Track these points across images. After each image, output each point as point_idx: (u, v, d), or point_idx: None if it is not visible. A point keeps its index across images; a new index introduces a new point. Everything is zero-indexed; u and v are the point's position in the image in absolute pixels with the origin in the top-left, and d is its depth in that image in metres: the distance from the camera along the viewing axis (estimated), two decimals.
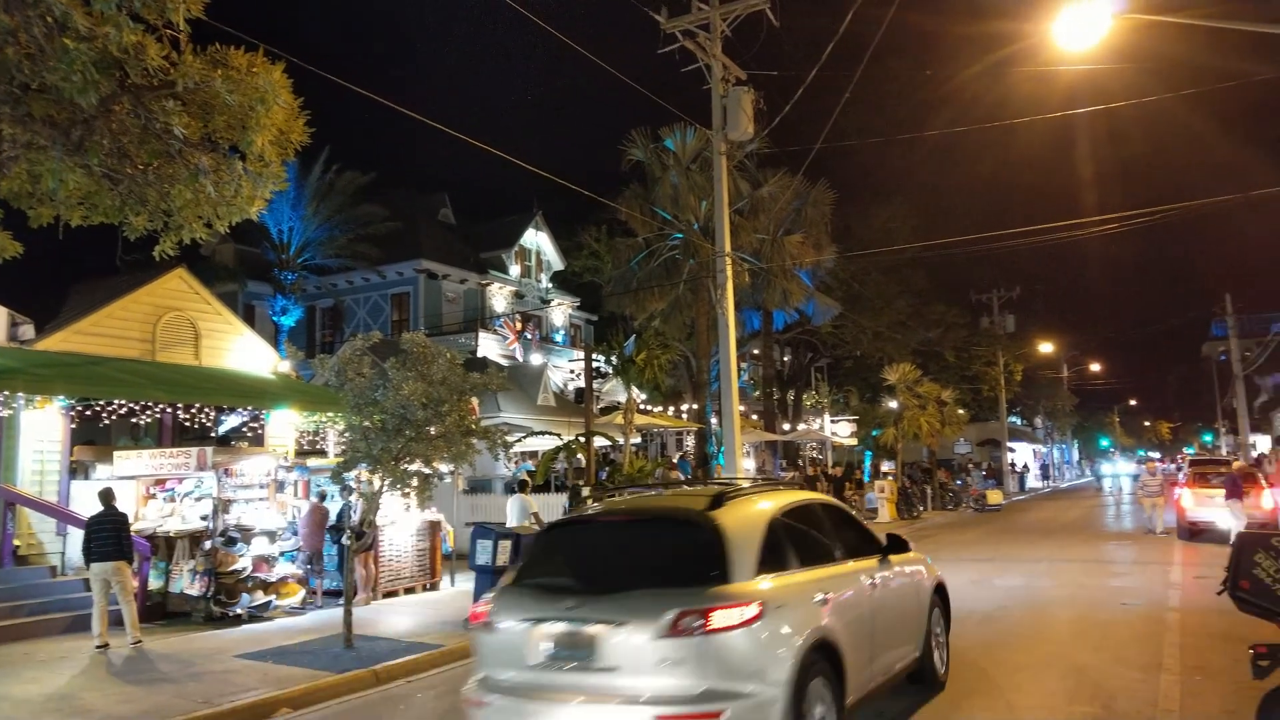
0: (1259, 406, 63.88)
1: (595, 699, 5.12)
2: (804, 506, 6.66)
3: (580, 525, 6.53)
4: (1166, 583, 13.58)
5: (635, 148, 24.43)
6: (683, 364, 30.92)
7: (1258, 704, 5.88)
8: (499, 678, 5.56)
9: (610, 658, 5.12)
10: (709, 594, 5.19)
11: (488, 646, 5.73)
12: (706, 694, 4.98)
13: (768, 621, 5.22)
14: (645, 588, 5.35)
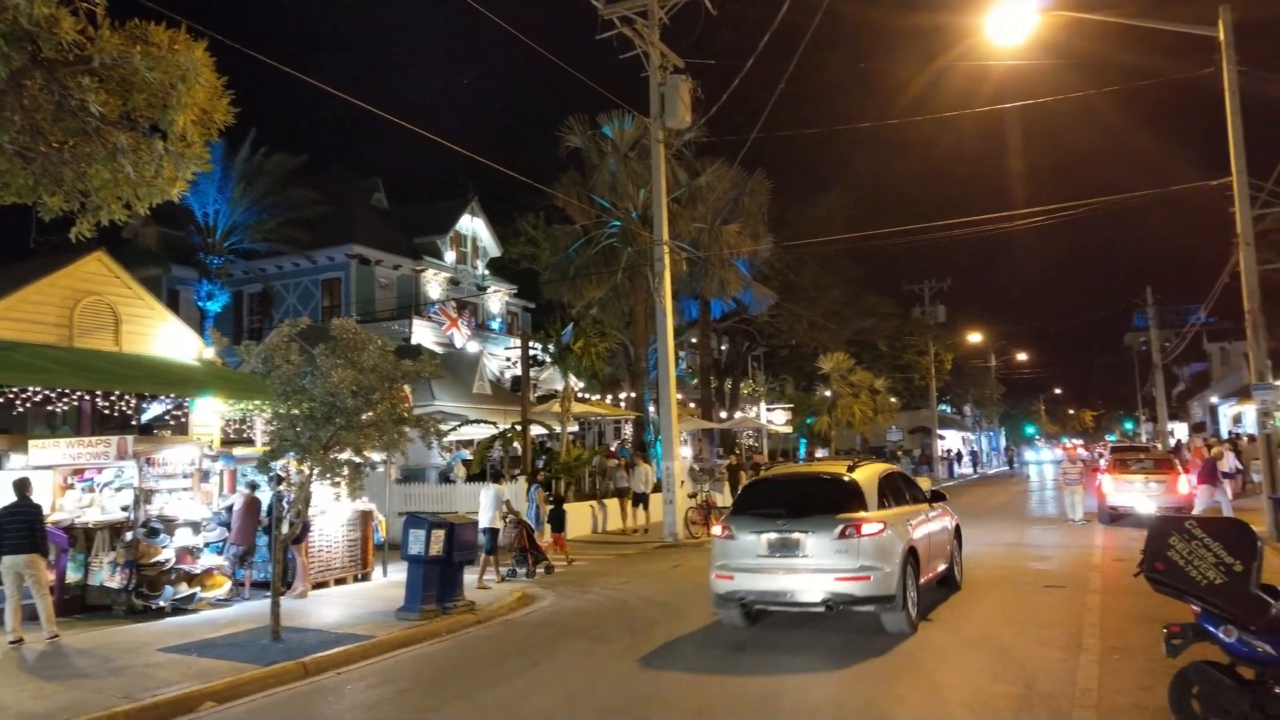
0: (1177, 395, 66.43)
1: (798, 572, 9.19)
2: (892, 472, 10.99)
3: (772, 480, 11.19)
4: (1088, 566, 14.02)
5: (573, 134, 24.29)
6: (621, 352, 30.93)
7: (1170, 681, 6.11)
8: (736, 563, 9.51)
9: (806, 550, 9.17)
10: (858, 517, 9.25)
11: (729, 546, 9.63)
12: (861, 568, 8.99)
13: (887, 532, 9.28)
14: (822, 514, 9.32)
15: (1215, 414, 46.38)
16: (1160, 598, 6.47)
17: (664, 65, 16.72)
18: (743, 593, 9.42)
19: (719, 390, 42.32)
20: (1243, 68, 16.09)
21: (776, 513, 9.54)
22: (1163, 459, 21.99)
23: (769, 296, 33.39)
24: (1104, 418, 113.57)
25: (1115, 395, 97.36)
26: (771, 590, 9.26)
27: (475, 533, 11.84)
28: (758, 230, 27.94)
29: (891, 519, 9.54)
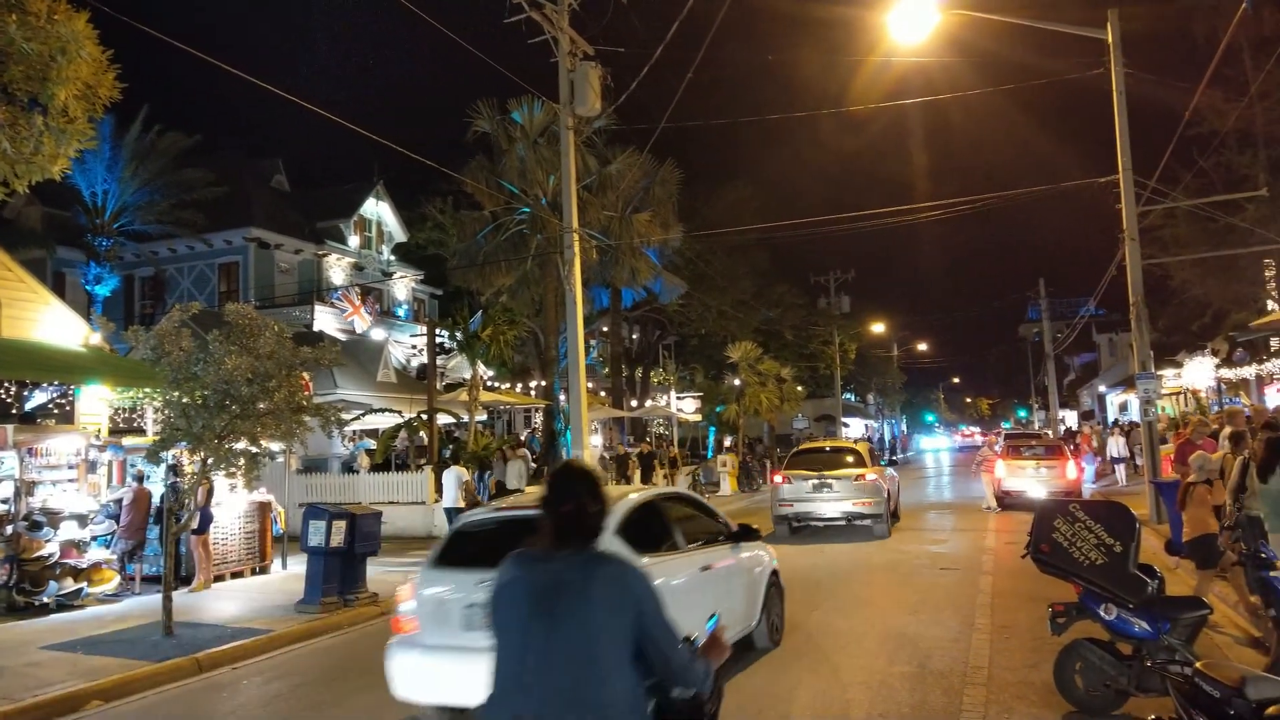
0: (1068, 384, 69.60)
1: (831, 501, 16.00)
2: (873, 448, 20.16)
3: (807, 450, 18.70)
4: (981, 548, 14.56)
5: (481, 119, 23.89)
6: (531, 340, 30.68)
7: (1055, 658, 6.39)
8: (791, 498, 16.39)
9: (836, 490, 16.00)
10: (862, 470, 16.31)
11: (786, 488, 16.44)
12: (866, 501, 15.82)
13: (879, 480, 16.23)
14: (843, 469, 16.39)
15: (1103, 402, 48.77)
16: (1047, 578, 6.76)
17: (573, 51, 16.54)
18: (795, 514, 16.39)
19: (630, 379, 42.41)
20: (1129, 70, 16.84)
21: (813, 467, 16.60)
22: (1053, 445, 22.98)
23: (679, 286, 33.58)
24: (1000, 406, 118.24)
25: (1010, 384, 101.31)
26: (813, 512, 16.20)
27: (378, 523, 11.58)
28: (668, 219, 27.98)
29: (878, 473, 16.87)
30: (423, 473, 18.98)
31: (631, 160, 24.33)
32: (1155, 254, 25.28)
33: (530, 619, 2.77)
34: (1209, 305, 29.85)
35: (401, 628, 6.39)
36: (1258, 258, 25.34)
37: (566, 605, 2.75)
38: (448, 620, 6.02)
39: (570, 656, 2.71)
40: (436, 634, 6.08)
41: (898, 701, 6.64)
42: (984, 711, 6.32)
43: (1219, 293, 28.98)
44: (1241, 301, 27.48)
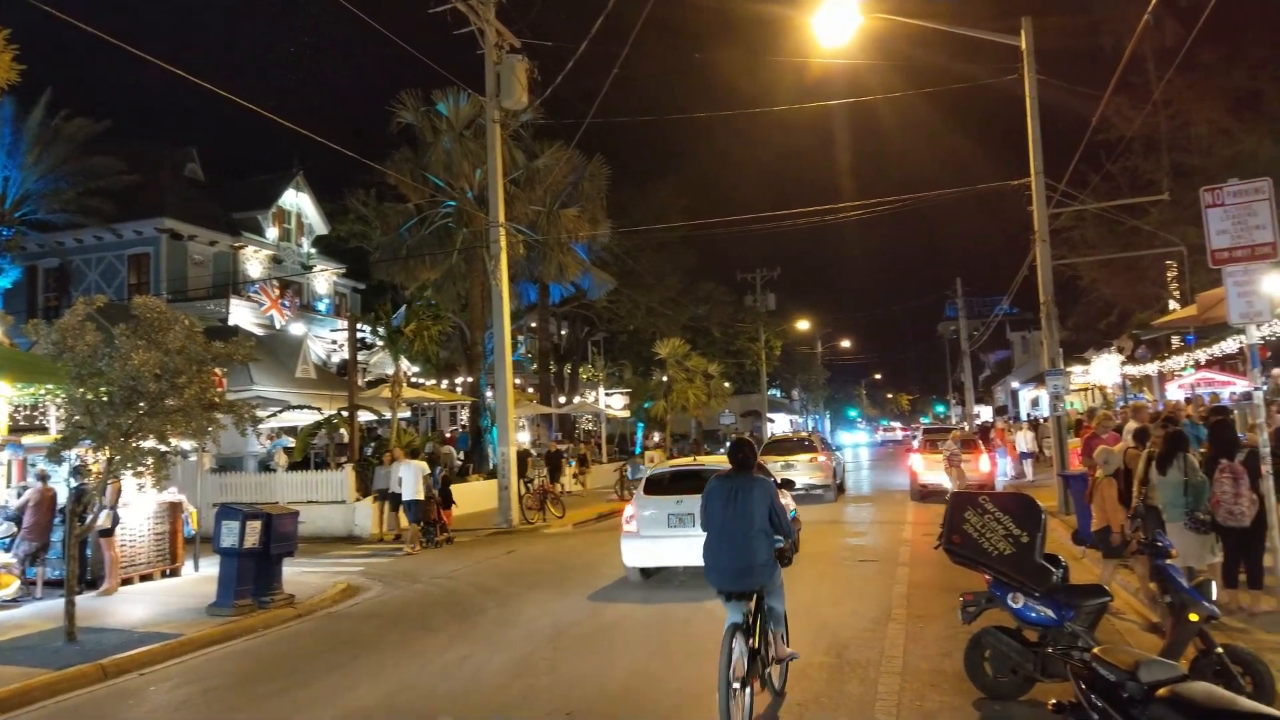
0: (983, 380, 71.77)
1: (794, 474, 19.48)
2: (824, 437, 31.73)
3: (777, 440, 25.63)
4: (899, 540, 14.90)
5: (405, 110, 23.49)
6: (457, 336, 30.32)
7: (965, 646, 6.58)
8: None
9: (797, 468, 21.13)
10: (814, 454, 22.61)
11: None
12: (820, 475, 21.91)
13: (829, 461, 22.75)
14: (803, 453, 22.59)
15: (1016, 398, 50.39)
16: (960, 568, 6.95)
17: (500, 44, 16.42)
18: None
19: (558, 375, 42.26)
20: (1042, 76, 17.41)
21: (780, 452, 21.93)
22: (968, 439, 23.63)
23: (608, 282, 33.60)
24: (919, 401, 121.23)
25: (930, 380, 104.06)
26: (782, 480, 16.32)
27: (295, 523, 11.30)
28: (597, 215, 27.97)
29: (828, 456, 22.90)
30: (343, 471, 18.58)
31: (559, 155, 24.24)
32: (1065, 255, 26.25)
33: (725, 504, 6.13)
34: (1115, 304, 31.13)
35: (625, 528, 11.46)
36: (1160, 259, 26.51)
37: (741, 497, 6.11)
38: (655, 523, 11.25)
39: (742, 519, 6.04)
40: (648, 530, 11.28)
41: (816, 691, 6.75)
42: (898, 699, 6.46)
43: (1125, 292, 30.25)
44: (1145, 301, 28.71)
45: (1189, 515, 7.92)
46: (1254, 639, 6.93)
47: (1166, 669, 3.71)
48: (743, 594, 5.95)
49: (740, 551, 5.94)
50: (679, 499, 11.07)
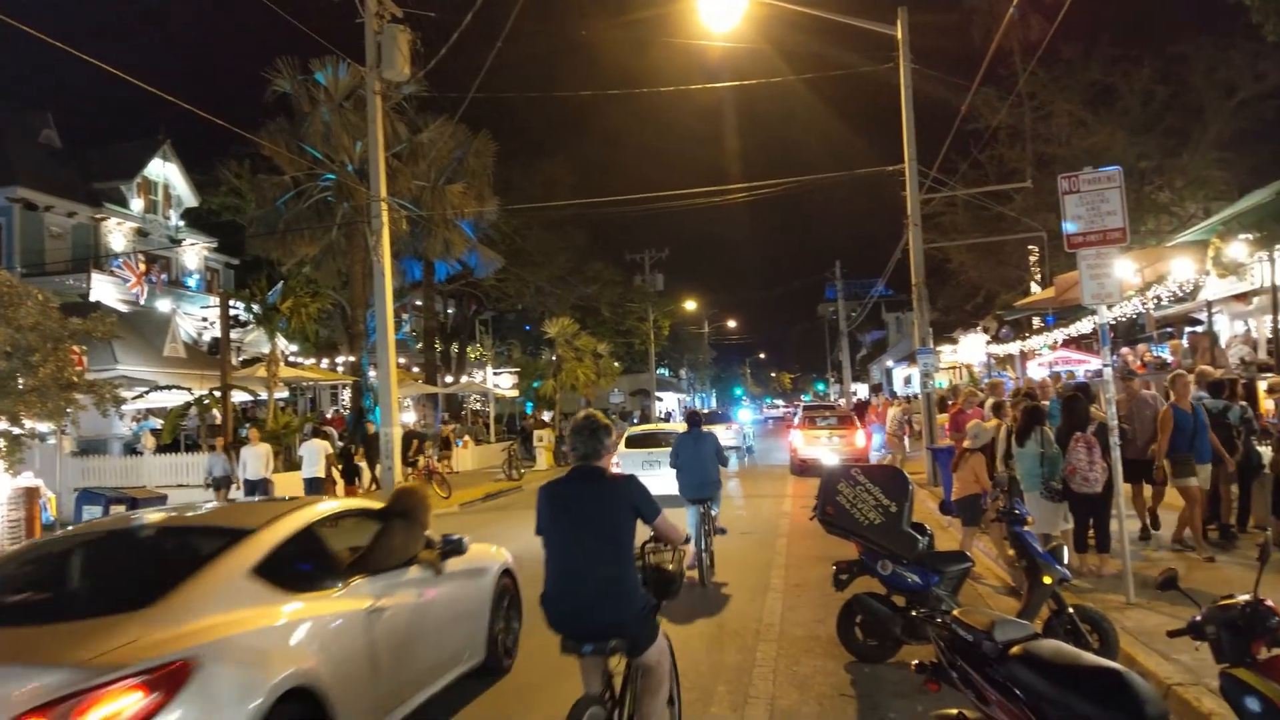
0: (860, 359, 74.27)
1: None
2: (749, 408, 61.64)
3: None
4: (779, 513, 15.35)
5: (281, 79, 22.51)
6: (338, 314, 29.47)
7: (838, 612, 6.85)
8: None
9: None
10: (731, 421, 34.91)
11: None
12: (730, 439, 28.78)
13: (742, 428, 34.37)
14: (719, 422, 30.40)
15: (890, 376, 52.35)
16: (836, 539, 7.22)
17: (380, 13, 15.89)
18: None
19: (444, 354, 41.57)
20: (916, 66, 18.04)
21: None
22: (845, 416, 24.47)
23: (495, 260, 33.16)
24: (801, 380, 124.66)
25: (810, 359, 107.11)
26: None
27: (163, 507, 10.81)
28: (483, 192, 27.51)
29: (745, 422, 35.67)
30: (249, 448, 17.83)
31: (444, 129, 23.73)
32: (936, 239, 27.37)
33: (691, 448, 10.31)
34: (982, 287, 32.71)
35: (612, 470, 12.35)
36: (1023, 244, 27.97)
37: (700, 443, 10.35)
38: (633, 465, 15.74)
39: (701, 456, 10.21)
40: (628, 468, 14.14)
41: (696, 660, 6.91)
42: (774, 665, 6.68)
43: (990, 275, 31.81)
44: (1009, 283, 30.26)
45: (1045, 485, 8.43)
46: (1101, 599, 7.43)
47: (1020, 628, 3.94)
48: (701, 500, 9.86)
49: (703, 475, 10.09)
50: (649, 450, 16.82)
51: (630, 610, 4.20)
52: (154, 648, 3.62)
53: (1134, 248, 16.26)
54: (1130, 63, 26.30)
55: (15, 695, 3.30)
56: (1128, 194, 8.16)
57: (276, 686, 3.92)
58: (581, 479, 4.37)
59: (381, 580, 5.24)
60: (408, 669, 5.24)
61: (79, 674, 3.39)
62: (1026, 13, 23.66)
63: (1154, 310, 15.86)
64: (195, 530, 5.16)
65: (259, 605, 4.25)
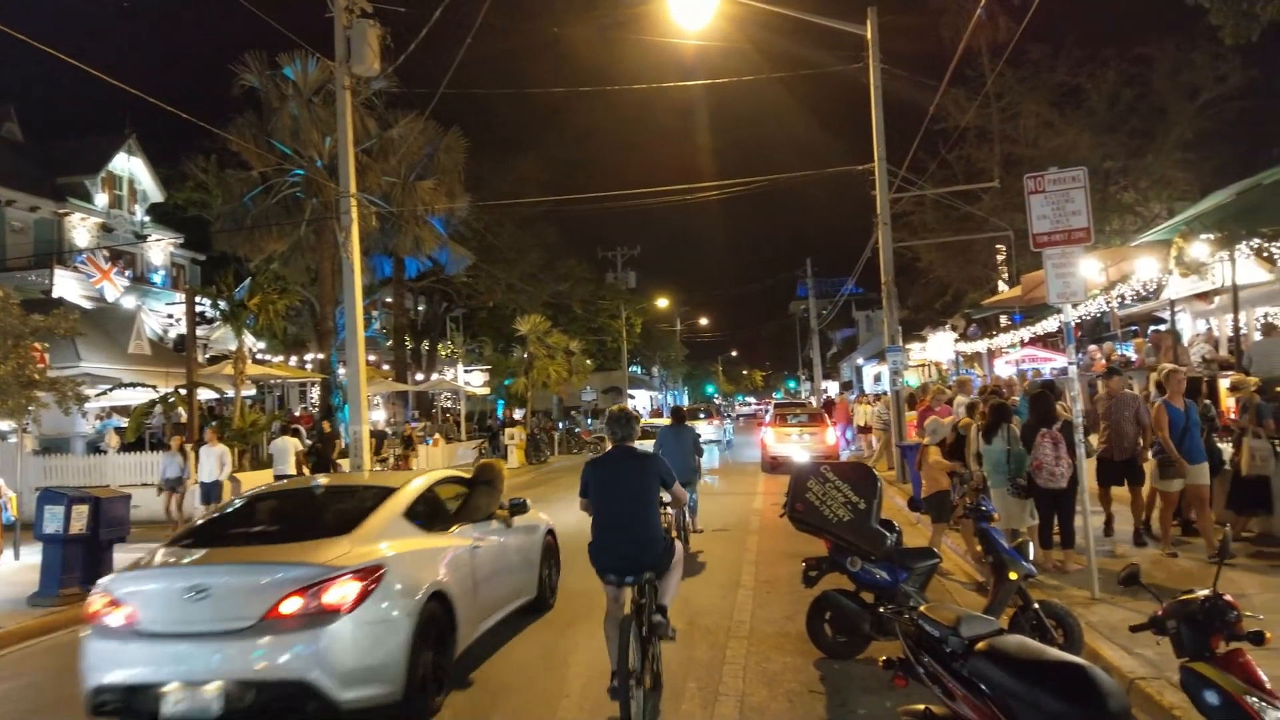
0: (831, 357, 74.71)
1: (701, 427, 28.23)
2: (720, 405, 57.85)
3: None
4: (750, 510, 15.42)
5: (249, 73, 22.19)
6: (307, 311, 29.12)
7: (808, 608, 6.89)
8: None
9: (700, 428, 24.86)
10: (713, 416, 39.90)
11: None
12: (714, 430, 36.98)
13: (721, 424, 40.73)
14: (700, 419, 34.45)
15: (860, 374, 52.68)
16: (806, 535, 7.26)
17: (350, 7, 15.71)
18: None
19: (415, 351, 41.29)
20: (886, 66, 18.17)
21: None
22: (815, 413, 24.62)
23: (466, 257, 32.93)
24: (772, 377, 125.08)
25: (782, 357, 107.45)
26: None
27: (126, 506, 10.65)
28: (454, 188, 27.29)
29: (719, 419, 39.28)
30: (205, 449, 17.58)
31: (414, 125, 23.54)
32: (905, 237, 27.61)
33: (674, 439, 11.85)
34: (950, 285, 33.02)
35: None
36: (991, 243, 28.26)
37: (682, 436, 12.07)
38: None
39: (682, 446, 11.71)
40: None
41: (667, 658, 6.89)
42: (745, 662, 6.71)
43: (959, 274, 32.12)
44: (977, 282, 30.58)
45: (1011, 481, 8.53)
46: (1066, 595, 7.54)
47: (985, 624, 3.98)
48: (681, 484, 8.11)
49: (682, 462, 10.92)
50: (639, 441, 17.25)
51: (658, 551, 5.81)
52: (359, 556, 5.70)
53: (1099, 247, 16.47)
54: (1096, 64, 26.65)
55: (285, 581, 5.39)
56: (1093, 194, 8.27)
57: (428, 589, 6.02)
58: (622, 455, 6.01)
59: (475, 528, 7.26)
60: (493, 592, 7.30)
61: (323, 570, 5.48)
62: (994, 13, 23.92)
63: (1118, 309, 16.09)
64: (359, 488, 7.33)
65: (410, 537, 6.37)
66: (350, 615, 5.38)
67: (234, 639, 5.25)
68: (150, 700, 5.24)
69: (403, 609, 5.73)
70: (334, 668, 5.26)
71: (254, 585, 5.40)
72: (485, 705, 6.20)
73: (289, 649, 5.23)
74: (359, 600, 5.44)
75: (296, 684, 5.18)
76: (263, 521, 6.76)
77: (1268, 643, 3.41)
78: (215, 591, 5.36)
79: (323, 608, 5.34)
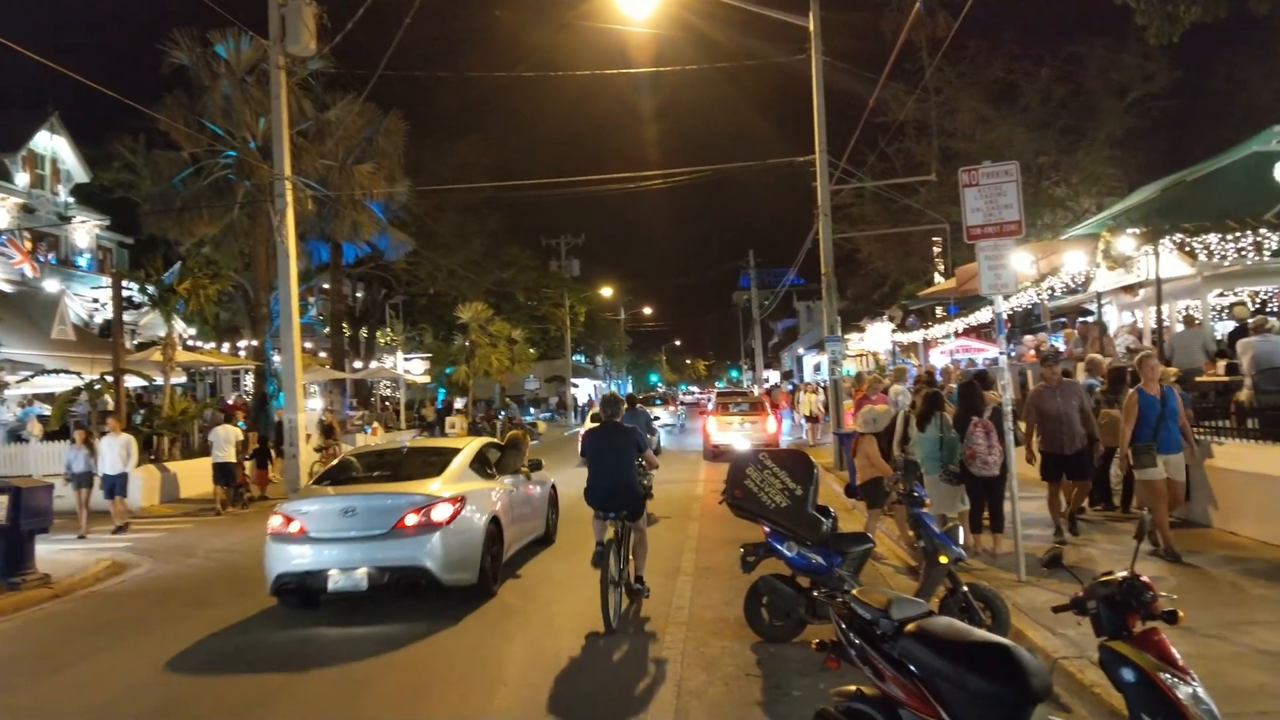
0: (772, 347, 75.50)
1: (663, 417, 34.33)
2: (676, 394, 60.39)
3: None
4: (691, 497, 15.48)
5: (179, 50, 21.51)
6: (241, 296, 28.44)
7: (746, 593, 6.96)
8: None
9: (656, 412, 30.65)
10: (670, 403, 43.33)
11: None
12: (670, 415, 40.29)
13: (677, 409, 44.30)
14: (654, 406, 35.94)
15: (801, 363, 53.34)
16: (746, 522, 7.32)
17: None
18: None
19: (353, 339, 40.63)
20: (828, 58, 18.34)
21: None
22: (756, 402, 24.83)
23: (406, 243, 32.46)
24: (715, 367, 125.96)
25: (725, 346, 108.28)
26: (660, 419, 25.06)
27: (49, 497, 10.31)
28: (394, 173, 26.86)
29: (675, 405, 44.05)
30: (107, 439, 17.08)
31: (352, 107, 23.11)
32: (845, 229, 27.97)
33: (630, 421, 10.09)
34: (888, 276, 33.59)
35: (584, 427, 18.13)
36: (928, 235, 28.77)
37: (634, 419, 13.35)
38: None
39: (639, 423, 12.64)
40: None
41: (607, 646, 6.94)
42: (682, 648, 6.75)
43: (897, 266, 32.68)
44: (914, 274, 31.14)
45: (943, 468, 8.71)
46: (994, 577, 7.73)
47: (915, 606, 4.05)
48: None
49: None
50: None
51: (632, 498, 7.77)
52: (448, 490, 8.47)
53: (1031, 240, 16.89)
54: (1031, 62, 27.30)
55: (406, 504, 8.12)
56: (1026, 189, 8.45)
57: (489, 514, 8.84)
58: (611, 428, 8.12)
59: (509, 478, 10.07)
60: (522, 523, 10.19)
61: (429, 497, 8.21)
62: (934, 9, 24.29)
63: (1049, 301, 16.51)
64: (437, 449, 10.12)
65: (474, 481, 9.14)
66: (448, 527, 8.17)
67: (374, 540, 8.03)
68: (319, 580, 8.00)
69: (476, 525, 8.53)
70: (439, 559, 8.04)
71: (386, 506, 8.22)
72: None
73: (411, 547, 8.01)
74: (452, 518, 8.24)
75: (417, 569, 7.97)
76: (375, 469, 9.58)
77: (1181, 621, 3.53)
78: (360, 510, 8.17)
79: (431, 521, 8.12)
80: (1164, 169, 18.44)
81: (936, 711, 3.47)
